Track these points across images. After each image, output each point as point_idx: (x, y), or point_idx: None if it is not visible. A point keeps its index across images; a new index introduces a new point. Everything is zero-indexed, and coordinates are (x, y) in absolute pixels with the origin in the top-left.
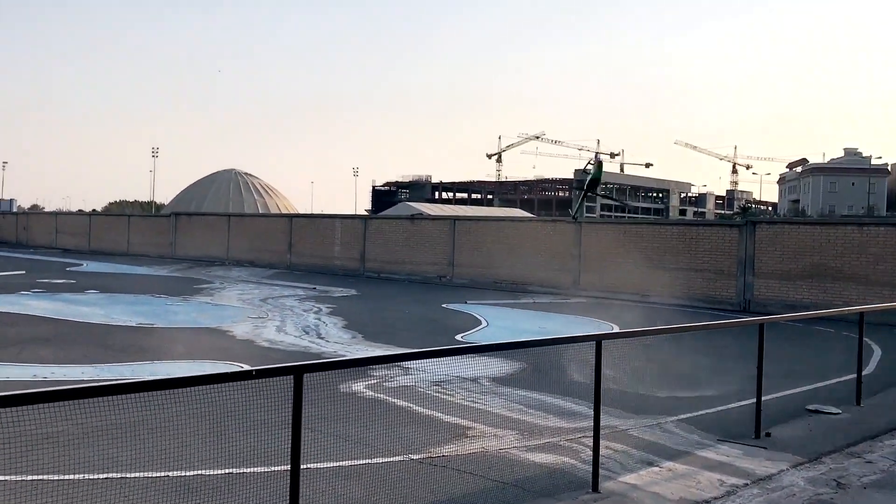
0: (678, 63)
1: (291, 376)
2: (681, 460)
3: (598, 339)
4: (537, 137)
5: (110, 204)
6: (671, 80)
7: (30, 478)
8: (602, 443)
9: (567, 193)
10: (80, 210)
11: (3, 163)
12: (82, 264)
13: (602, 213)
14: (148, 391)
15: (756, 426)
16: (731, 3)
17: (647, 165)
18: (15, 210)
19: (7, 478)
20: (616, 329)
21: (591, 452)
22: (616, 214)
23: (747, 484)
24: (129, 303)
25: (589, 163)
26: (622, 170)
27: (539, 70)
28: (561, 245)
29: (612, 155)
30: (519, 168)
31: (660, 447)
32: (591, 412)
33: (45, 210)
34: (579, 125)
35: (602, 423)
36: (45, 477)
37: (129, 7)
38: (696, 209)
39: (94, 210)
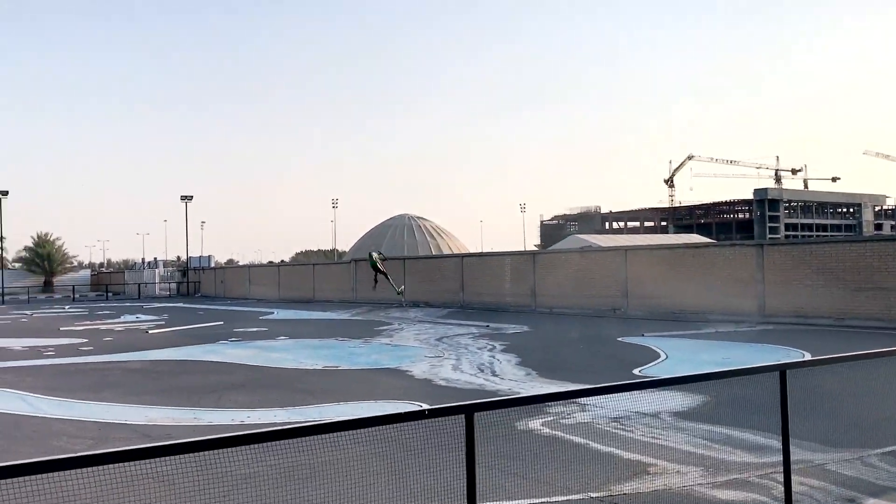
0: (857, 68)
1: (463, 415)
2: (887, 497)
3: (783, 369)
4: (690, 158)
5: (297, 254)
6: (853, 87)
7: None
8: (795, 478)
9: (747, 215)
10: (269, 262)
11: (202, 222)
12: (273, 312)
13: (787, 233)
14: (331, 432)
15: None
16: None
17: (834, 179)
18: (213, 265)
19: None
20: (807, 357)
21: (782, 489)
22: (802, 234)
23: None
24: (316, 347)
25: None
26: (806, 186)
27: (708, 89)
28: (742, 270)
29: (794, 171)
30: (694, 192)
31: (862, 483)
32: (781, 446)
33: (239, 263)
34: (756, 143)
35: (795, 457)
36: None
37: (298, 66)
38: (893, 223)
39: (282, 261)
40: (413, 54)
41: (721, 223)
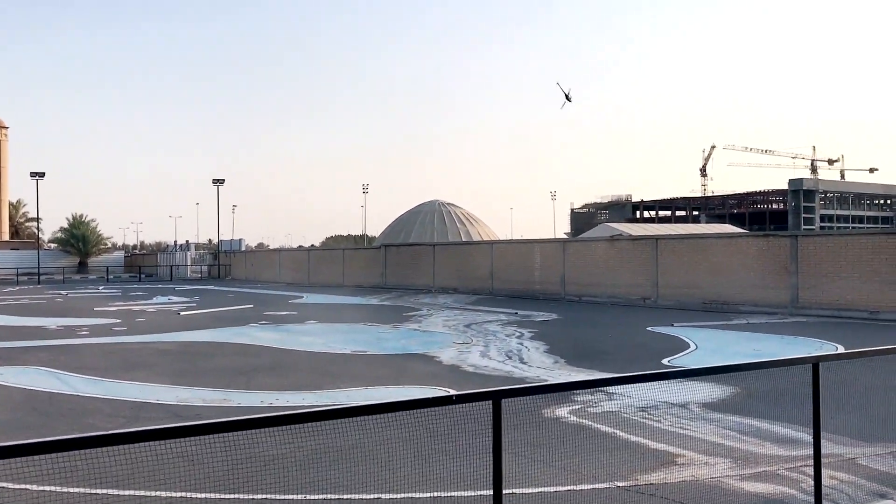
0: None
1: (490, 401)
2: None
3: (816, 361)
4: (713, 147)
5: (327, 239)
6: (893, 76)
7: (258, 497)
8: (826, 472)
9: (782, 205)
10: (300, 246)
11: (234, 206)
12: (302, 296)
13: (822, 224)
14: (358, 416)
15: None
16: None
17: (872, 171)
18: (244, 249)
19: (239, 496)
20: (840, 350)
21: (812, 482)
22: (838, 226)
23: None
24: (345, 331)
25: None
26: (843, 176)
27: (743, 76)
28: (775, 261)
29: (831, 161)
30: (726, 181)
31: (894, 478)
32: (812, 439)
33: (270, 247)
34: (792, 132)
35: (825, 451)
36: (271, 496)
37: (330, 51)
38: None
39: (312, 245)
40: (441, 41)
41: (754, 213)
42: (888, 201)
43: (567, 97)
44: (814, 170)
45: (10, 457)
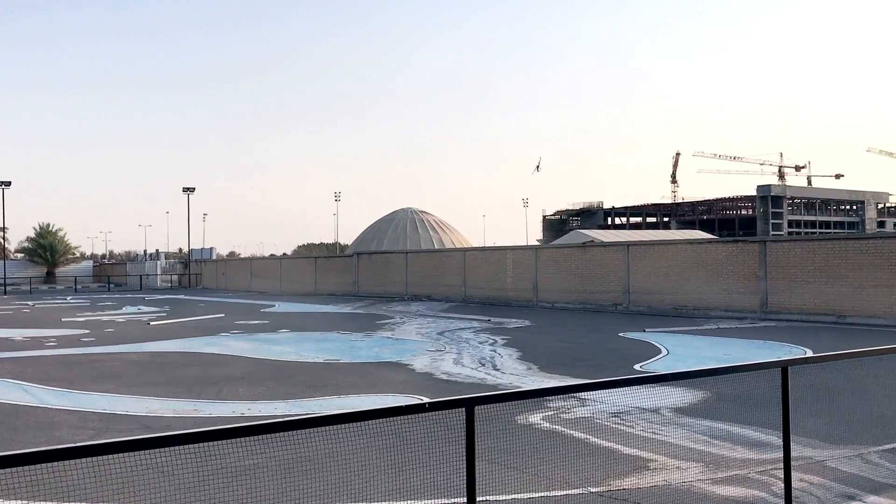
0: (862, 66)
1: (463, 409)
2: (887, 494)
3: (785, 365)
4: (679, 154)
5: (299, 247)
6: (857, 85)
7: None
8: (795, 475)
9: (750, 211)
10: (271, 254)
11: (204, 214)
12: (274, 305)
13: (790, 230)
14: (331, 425)
15: None
16: None
17: (838, 177)
18: (214, 258)
19: None
20: (808, 354)
21: (782, 485)
22: (805, 231)
23: None
24: (317, 340)
25: None
26: (809, 182)
27: (713, 84)
28: (745, 266)
29: (798, 168)
30: (696, 188)
31: (862, 480)
32: (782, 442)
33: (241, 256)
34: (759, 139)
35: (795, 453)
36: None
37: (303, 60)
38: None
39: (284, 254)
40: (416, 49)
41: (724, 219)
42: (854, 207)
43: (538, 167)
44: (781, 176)
45: None
